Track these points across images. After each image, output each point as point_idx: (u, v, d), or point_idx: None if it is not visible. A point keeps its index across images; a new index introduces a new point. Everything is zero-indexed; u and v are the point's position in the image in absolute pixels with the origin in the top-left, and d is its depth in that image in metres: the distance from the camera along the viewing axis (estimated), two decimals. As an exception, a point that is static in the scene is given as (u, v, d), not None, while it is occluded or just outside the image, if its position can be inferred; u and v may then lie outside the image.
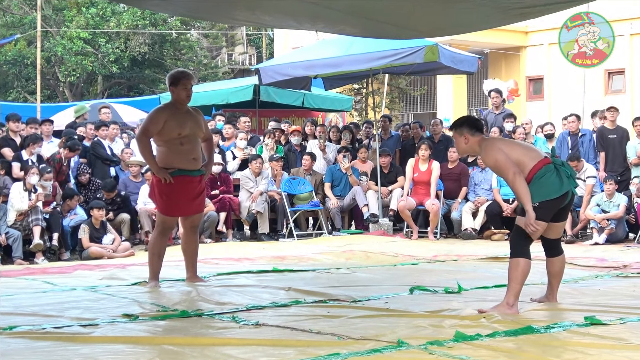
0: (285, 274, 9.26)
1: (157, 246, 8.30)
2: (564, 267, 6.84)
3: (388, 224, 14.54)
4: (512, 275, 6.36)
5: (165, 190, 8.07)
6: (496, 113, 16.31)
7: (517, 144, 6.74)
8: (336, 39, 15.57)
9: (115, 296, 7.59)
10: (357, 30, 10.68)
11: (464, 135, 6.62)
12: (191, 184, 8.15)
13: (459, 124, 6.69)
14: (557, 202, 6.40)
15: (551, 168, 6.38)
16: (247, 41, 46.63)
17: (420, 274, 9.25)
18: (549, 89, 27.95)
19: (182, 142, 8.03)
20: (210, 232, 13.74)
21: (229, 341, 5.41)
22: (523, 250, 6.39)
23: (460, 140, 6.66)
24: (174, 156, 8.04)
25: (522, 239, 6.41)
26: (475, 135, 6.60)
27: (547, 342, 5.28)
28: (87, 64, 34.87)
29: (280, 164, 14.96)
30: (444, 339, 5.26)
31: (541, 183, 6.34)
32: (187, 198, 8.16)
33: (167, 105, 8.27)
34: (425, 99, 31.94)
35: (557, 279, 6.83)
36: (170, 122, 7.98)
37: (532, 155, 6.47)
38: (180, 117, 8.07)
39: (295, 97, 18.93)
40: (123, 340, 5.46)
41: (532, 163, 6.40)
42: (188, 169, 8.09)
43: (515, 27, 26.89)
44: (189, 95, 8.17)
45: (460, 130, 6.64)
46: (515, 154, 6.44)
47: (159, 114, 8.09)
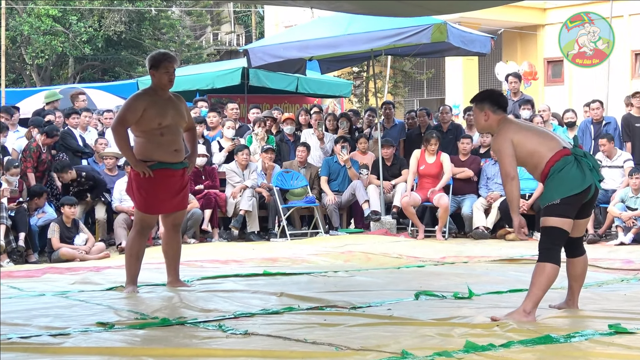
0: (277, 278, 9.26)
1: (135, 247, 8.28)
2: (586, 269, 6.85)
3: (391, 222, 14.55)
4: (536, 280, 6.36)
5: (144, 185, 8.07)
6: (514, 100, 16.32)
7: (535, 131, 6.74)
8: (333, 17, 15.56)
9: (89, 302, 7.58)
10: (357, 7, 10.68)
11: (485, 112, 6.67)
12: (172, 178, 8.15)
13: (481, 98, 6.74)
14: (580, 197, 6.41)
15: (570, 160, 6.39)
16: (234, 19, 46.60)
17: (426, 277, 9.27)
18: (569, 72, 27.96)
19: (163, 133, 8.02)
20: (194, 232, 13.74)
21: (214, 352, 5.42)
22: (552, 254, 6.37)
23: (480, 115, 6.71)
24: (153, 148, 8.03)
25: (551, 242, 6.40)
26: (497, 113, 6.65)
27: (568, 353, 5.29)
28: (56, 45, 34.83)
29: (272, 156, 14.94)
30: (453, 350, 5.27)
31: (561, 178, 6.35)
32: (168, 193, 8.16)
33: (147, 91, 8.25)
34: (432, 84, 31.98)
35: (579, 282, 6.84)
36: (149, 111, 7.97)
37: (551, 145, 6.48)
38: (161, 104, 8.06)
39: (289, 82, 18.92)
40: (97, 351, 5.47)
41: (549, 154, 6.42)
42: (169, 161, 8.08)
43: (532, 3, 26.93)
44: (171, 80, 8.15)
45: (482, 105, 6.69)
46: (530, 143, 6.46)
47: (137, 102, 8.08)
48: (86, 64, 38.60)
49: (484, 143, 14.70)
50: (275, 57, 15.61)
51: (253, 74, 18.06)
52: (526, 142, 6.46)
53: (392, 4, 9.93)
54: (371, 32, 14.56)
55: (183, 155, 8.25)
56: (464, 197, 14.43)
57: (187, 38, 39.78)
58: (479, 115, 6.73)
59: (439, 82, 31.23)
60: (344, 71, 26.62)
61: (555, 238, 6.40)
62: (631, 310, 6.80)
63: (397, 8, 10.34)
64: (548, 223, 6.41)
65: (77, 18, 35.43)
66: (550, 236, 6.41)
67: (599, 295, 7.70)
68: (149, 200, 8.13)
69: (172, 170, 8.12)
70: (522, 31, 28.63)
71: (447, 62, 28.41)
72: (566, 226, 6.39)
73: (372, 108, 17.65)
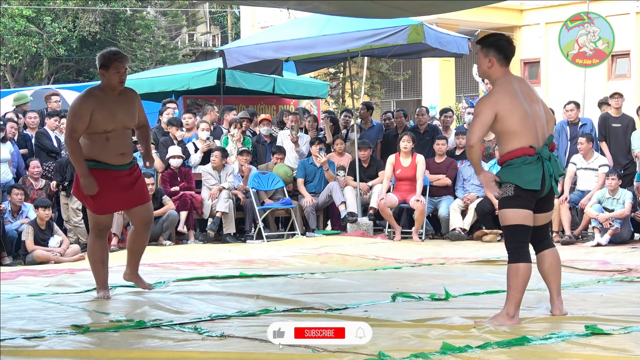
0: (254, 280, 9.25)
1: (97, 252, 8.07)
2: (559, 262, 6.70)
3: (368, 224, 14.56)
4: (512, 282, 6.35)
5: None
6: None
7: (522, 112, 6.42)
8: (310, 18, 15.55)
9: (64, 305, 7.56)
10: (334, 7, 10.68)
11: (490, 58, 6.53)
12: (118, 179, 7.85)
13: (489, 44, 6.58)
14: (535, 193, 6.37)
15: (530, 160, 6.31)
16: (210, 20, 46.52)
17: (403, 279, 9.28)
18: (545, 73, 28.09)
19: (108, 138, 7.73)
20: (169, 233, 13.70)
21: (190, 355, 5.41)
22: (521, 253, 6.37)
23: (484, 60, 6.55)
24: (98, 150, 7.74)
25: (517, 240, 6.40)
26: (501, 64, 6.53)
27: (544, 354, 5.32)
28: (30, 45, 34.70)
29: (247, 158, 14.87)
30: (429, 351, 5.29)
31: (520, 170, 6.29)
32: (116, 192, 7.84)
33: (93, 92, 7.86)
34: (409, 85, 32.03)
35: (552, 279, 6.62)
36: (96, 115, 7.63)
37: (522, 138, 6.35)
38: (109, 108, 7.72)
39: (265, 83, 18.87)
40: (72, 354, 5.45)
41: (515, 145, 6.34)
42: (114, 164, 7.81)
43: (509, 4, 27.03)
44: (122, 81, 7.80)
45: (488, 50, 6.55)
46: (510, 124, 6.33)
47: (83, 106, 7.70)
48: (60, 64, 38.46)
49: (460, 145, 14.70)
50: (251, 57, 15.57)
51: (229, 75, 18.00)
52: (507, 120, 6.33)
53: (369, 5, 9.94)
54: (347, 33, 14.54)
55: (131, 157, 7.99)
56: (441, 198, 14.45)
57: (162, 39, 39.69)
58: (483, 60, 6.55)
59: (415, 84, 31.28)
60: (320, 72, 26.62)
61: (520, 236, 6.38)
62: (608, 312, 6.82)
63: (374, 9, 10.35)
64: (508, 221, 6.39)
65: (52, 18, 35.30)
66: (514, 235, 6.39)
67: (575, 297, 7.73)
68: (97, 200, 7.81)
69: (116, 172, 7.82)
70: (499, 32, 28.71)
71: (424, 63, 28.45)
72: (527, 221, 6.36)
73: (348, 109, 17.65)
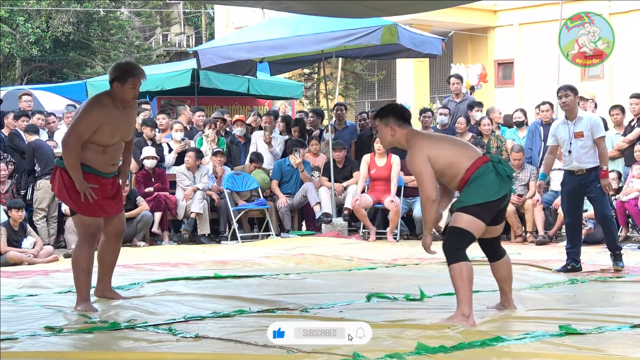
0: (228, 281, 9.25)
1: (84, 260, 7.66)
2: (510, 269, 6.92)
3: (342, 225, 14.57)
4: (459, 283, 6.38)
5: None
6: (457, 101, 16.43)
7: (449, 141, 6.73)
8: (284, 18, 15.56)
9: (37, 306, 7.53)
10: (308, 7, 10.68)
11: (390, 126, 6.62)
12: (105, 185, 7.76)
13: (385, 114, 6.68)
14: (496, 204, 6.49)
15: (490, 167, 6.45)
16: (184, 20, 46.42)
17: (378, 279, 9.30)
18: (519, 74, 28.16)
19: (106, 150, 7.64)
20: (144, 234, 13.66)
21: (165, 356, 5.40)
22: (460, 254, 6.42)
23: (386, 131, 6.66)
24: (91, 158, 7.60)
25: (457, 242, 6.45)
26: (403, 127, 6.61)
27: (518, 354, 5.33)
28: (3, 46, 34.49)
29: (221, 159, 14.84)
30: (404, 352, 5.30)
31: (480, 183, 6.41)
32: (105, 196, 7.74)
33: (104, 101, 7.63)
34: (383, 85, 32.03)
35: (507, 283, 6.93)
36: (103, 128, 7.50)
37: (469, 154, 6.52)
38: (116, 121, 7.58)
39: (240, 83, 18.86)
40: (45, 355, 5.43)
41: (469, 162, 6.46)
42: (102, 172, 7.70)
43: (482, 5, 27.07)
44: (135, 96, 7.70)
45: (387, 120, 6.65)
46: (448, 154, 6.47)
47: (96, 116, 7.51)
48: (34, 65, 38.25)
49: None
50: (225, 58, 15.55)
51: (203, 76, 17.99)
52: (444, 154, 6.45)
53: (343, 5, 9.95)
54: (321, 33, 14.56)
55: (117, 167, 7.89)
56: (415, 199, 14.44)
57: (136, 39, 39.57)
58: (385, 131, 6.66)
59: (390, 84, 31.29)
60: (294, 73, 26.60)
61: (462, 240, 6.44)
62: (581, 311, 6.87)
63: (348, 9, 10.36)
64: (459, 223, 6.45)
65: (25, 19, 35.09)
66: (460, 238, 6.44)
67: (549, 297, 7.77)
68: (89, 202, 7.61)
69: (104, 179, 7.73)
70: (472, 33, 28.78)
71: (398, 63, 28.46)
72: (477, 231, 6.45)
73: (316, 110, 17.65)
